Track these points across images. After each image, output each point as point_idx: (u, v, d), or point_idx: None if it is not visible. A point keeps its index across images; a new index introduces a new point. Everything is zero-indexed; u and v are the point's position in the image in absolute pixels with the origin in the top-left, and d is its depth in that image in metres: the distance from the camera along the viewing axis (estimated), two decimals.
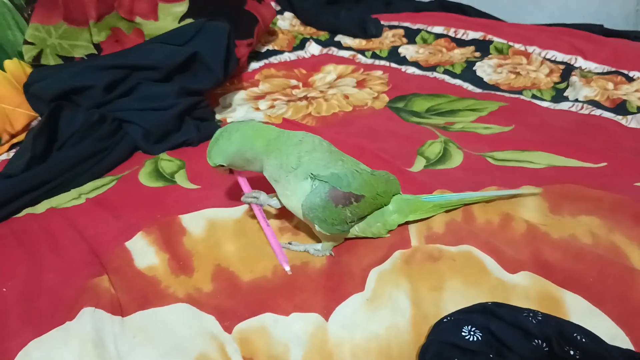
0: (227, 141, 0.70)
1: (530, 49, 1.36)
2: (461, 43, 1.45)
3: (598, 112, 1.07)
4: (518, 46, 1.38)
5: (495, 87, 1.21)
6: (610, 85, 1.16)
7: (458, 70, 1.30)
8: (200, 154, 1.00)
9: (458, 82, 1.25)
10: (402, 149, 0.95)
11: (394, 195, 0.74)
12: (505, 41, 1.40)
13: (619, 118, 1.04)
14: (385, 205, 0.73)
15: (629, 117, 1.03)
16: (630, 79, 1.18)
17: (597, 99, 1.11)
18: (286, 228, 0.78)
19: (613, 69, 1.23)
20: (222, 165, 0.71)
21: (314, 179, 0.67)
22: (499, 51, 1.38)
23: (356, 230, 0.72)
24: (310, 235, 0.76)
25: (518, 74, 1.26)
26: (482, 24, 1.51)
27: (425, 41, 1.49)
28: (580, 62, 1.28)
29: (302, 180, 0.67)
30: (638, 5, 1.66)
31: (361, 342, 0.62)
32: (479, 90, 1.20)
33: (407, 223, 0.75)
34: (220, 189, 0.87)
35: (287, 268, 0.71)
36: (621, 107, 1.08)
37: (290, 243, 0.74)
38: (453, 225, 0.74)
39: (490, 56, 1.36)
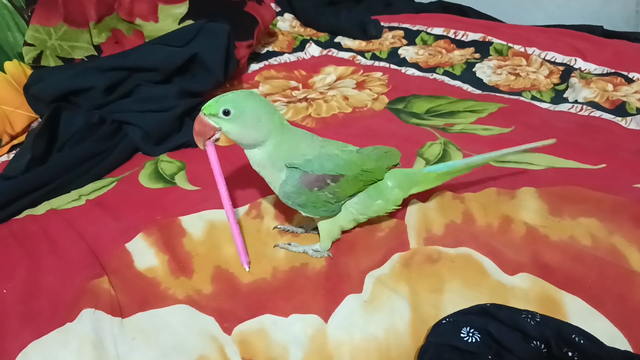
0: (249, 95, 0.67)
1: (529, 50, 1.36)
2: (461, 44, 1.45)
3: (597, 113, 1.07)
4: (518, 47, 1.38)
5: (494, 89, 1.21)
6: (610, 87, 1.16)
7: (458, 72, 1.31)
8: (200, 155, 1.00)
9: (458, 83, 1.25)
10: (402, 150, 0.94)
11: (392, 167, 0.73)
12: (505, 42, 1.40)
13: (618, 119, 1.04)
14: (379, 180, 0.72)
15: (629, 118, 1.03)
16: (630, 80, 1.18)
17: (596, 100, 1.11)
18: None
19: (613, 70, 1.23)
20: (226, 113, 0.65)
21: (288, 168, 0.68)
22: (499, 52, 1.38)
23: (353, 213, 0.71)
24: (307, 236, 0.76)
25: (518, 75, 1.26)
26: (482, 25, 1.51)
27: (425, 42, 1.49)
28: (580, 63, 1.28)
29: (279, 171, 0.68)
30: (638, 6, 1.66)
31: (360, 343, 0.62)
32: (478, 92, 1.20)
33: (410, 197, 0.75)
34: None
35: (247, 268, 0.71)
36: (620, 109, 1.08)
37: (289, 244, 0.74)
38: (452, 227, 0.74)
39: (489, 57, 1.36)
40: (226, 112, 0.65)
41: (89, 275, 0.73)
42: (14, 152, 1.07)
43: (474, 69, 1.31)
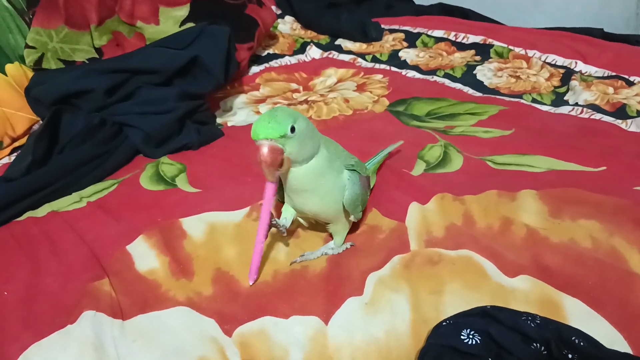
0: (288, 108, 0.65)
1: (530, 52, 1.36)
2: (461, 47, 1.45)
3: (598, 116, 1.07)
4: (518, 50, 1.38)
5: (495, 91, 1.21)
6: (610, 90, 1.16)
7: (458, 74, 1.31)
8: (201, 157, 1.01)
9: (458, 85, 1.25)
10: (403, 153, 0.95)
11: None
12: (505, 45, 1.40)
13: (618, 122, 1.04)
14: None
15: (629, 121, 1.03)
16: (630, 83, 1.18)
17: (597, 102, 1.11)
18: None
19: (613, 73, 1.23)
20: (293, 130, 0.60)
21: (348, 170, 0.69)
22: (500, 55, 1.38)
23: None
24: (308, 237, 0.76)
25: (518, 77, 1.26)
26: (483, 28, 1.51)
27: (425, 45, 1.49)
28: (580, 66, 1.28)
29: (339, 174, 0.69)
30: (639, 8, 1.66)
31: (361, 345, 0.62)
32: (479, 94, 1.20)
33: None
34: (221, 193, 0.87)
35: (251, 282, 0.70)
36: (621, 111, 1.08)
37: (302, 255, 0.73)
38: (453, 230, 0.74)
39: (490, 60, 1.36)
40: (293, 129, 0.60)
41: (90, 278, 0.73)
42: (15, 154, 1.07)
43: (474, 72, 1.31)
